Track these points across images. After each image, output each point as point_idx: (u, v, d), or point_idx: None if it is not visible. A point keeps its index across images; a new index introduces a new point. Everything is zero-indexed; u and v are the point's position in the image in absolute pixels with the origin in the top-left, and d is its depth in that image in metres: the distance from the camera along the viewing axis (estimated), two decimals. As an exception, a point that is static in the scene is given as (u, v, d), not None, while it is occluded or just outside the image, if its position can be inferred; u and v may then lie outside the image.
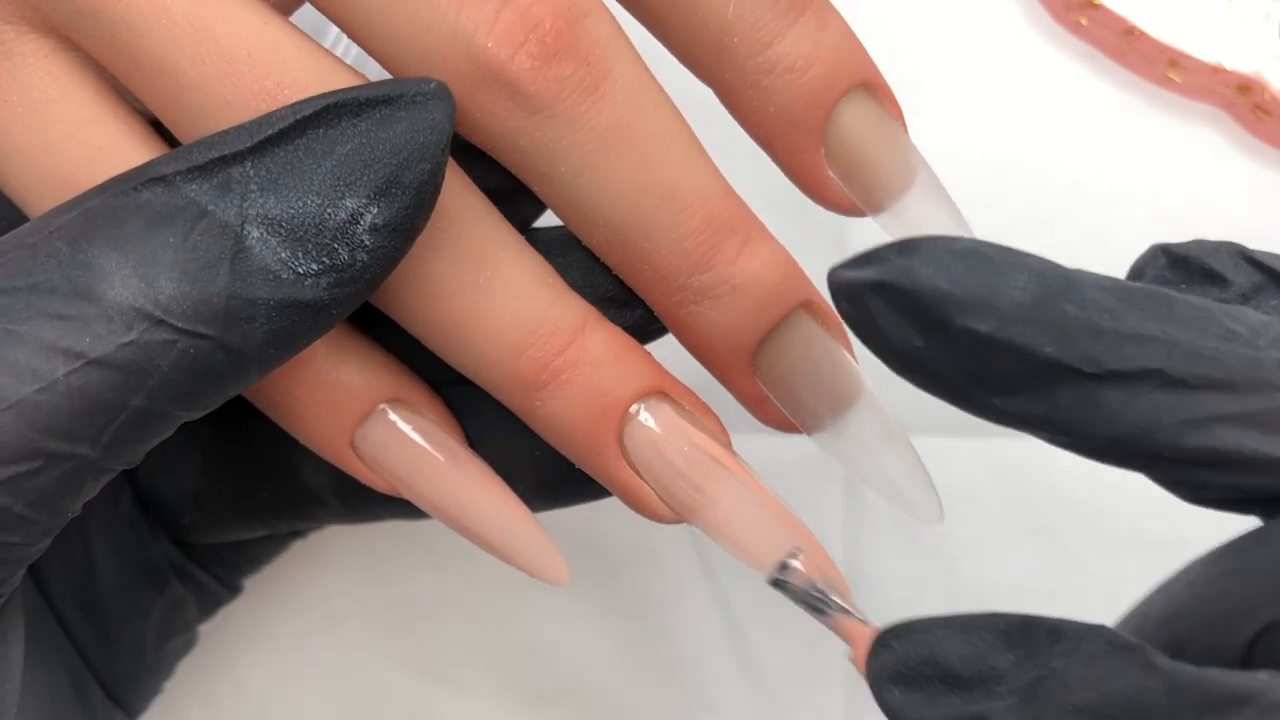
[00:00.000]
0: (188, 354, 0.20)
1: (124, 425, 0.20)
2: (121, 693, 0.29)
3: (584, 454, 0.24)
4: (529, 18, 0.22)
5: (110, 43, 0.22)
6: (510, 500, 0.25)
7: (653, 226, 0.23)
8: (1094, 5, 0.34)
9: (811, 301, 0.24)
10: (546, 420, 0.24)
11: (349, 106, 0.20)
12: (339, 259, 0.20)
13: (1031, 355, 0.19)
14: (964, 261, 0.20)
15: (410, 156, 0.20)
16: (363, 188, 0.20)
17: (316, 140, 0.20)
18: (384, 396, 0.24)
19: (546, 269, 0.24)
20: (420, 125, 0.21)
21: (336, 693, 0.35)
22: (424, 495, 0.25)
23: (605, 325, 0.24)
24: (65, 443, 0.20)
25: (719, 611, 0.35)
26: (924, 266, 0.20)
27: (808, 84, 0.23)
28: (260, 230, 0.20)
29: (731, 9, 0.23)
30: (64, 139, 0.22)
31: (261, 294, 0.20)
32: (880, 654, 0.20)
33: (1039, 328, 0.19)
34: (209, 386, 0.21)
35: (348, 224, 0.20)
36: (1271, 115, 0.34)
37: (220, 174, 0.20)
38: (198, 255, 0.20)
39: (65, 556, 0.27)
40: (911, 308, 0.20)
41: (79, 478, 0.20)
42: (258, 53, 0.21)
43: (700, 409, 0.24)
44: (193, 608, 0.30)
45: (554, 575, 0.25)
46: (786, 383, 0.24)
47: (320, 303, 0.20)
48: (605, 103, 0.22)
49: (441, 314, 0.23)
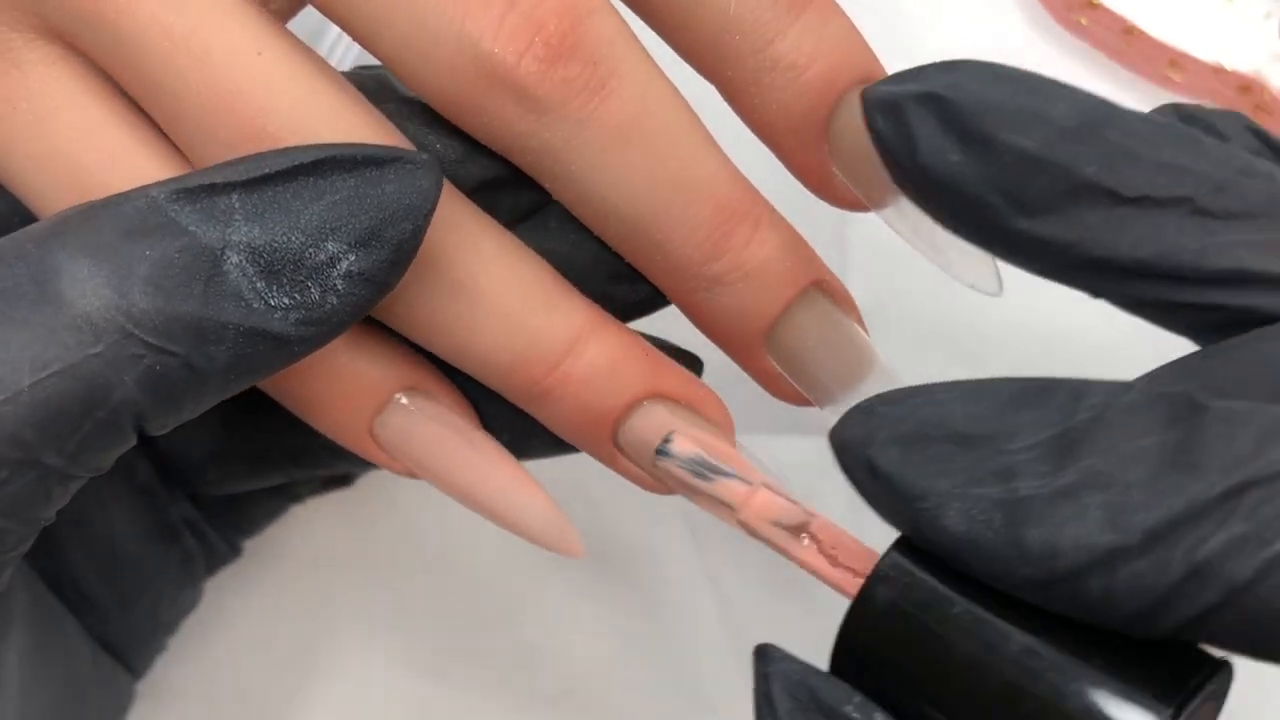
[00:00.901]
0: (153, 370, 0.20)
1: (89, 435, 0.20)
2: (131, 654, 0.29)
3: (583, 448, 0.25)
4: (533, 20, 0.22)
5: (114, 56, 0.22)
6: (524, 479, 0.25)
7: (664, 218, 0.23)
8: (1094, 5, 0.34)
9: (823, 280, 0.24)
10: (545, 421, 0.24)
11: (344, 161, 0.21)
12: (310, 297, 0.21)
13: (1073, 174, 0.20)
14: (1010, 83, 0.20)
15: (395, 215, 0.21)
16: (345, 235, 0.21)
17: (307, 186, 0.21)
18: (400, 385, 0.25)
19: (540, 280, 0.24)
20: (408, 189, 0.21)
21: (336, 693, 0.35)
22: (442, 478, 0.25)
23: (600, 334, 0.24)
24: (30, 452, 0.20)
25: (719, 611, 0.35)
26: (972, 82, 0.20)
27: (810, 81, 0.23)
28: (239, 257, 0.20)
29: (733, 7, 0.23)
30: (75, 146, 0.23)
31: (232, 319, 0.20)
32: (863, 420, 0.20)
33: (1084, 149, 0.20)
34: (168, 404, 0.21)
35: (325, 266, 0.21)
36: (1271, 115, 0.34)
37: (206, 200, 0.20)
38: (173, 273, 0.20)
39: (84, 530, 0.27)
40: (956, 120, 0.20)
41: (46, 486, 0.20)
42: (249, 89, 0.22)
43: (698, 400, 0.24)
44: (201, 564, 0.31)
45: (569, 548, 0.25)
46: (799, 360, 0.24)
47: (286, 337, 0.21)
48: (613, 100, 0.22)
49: (433, 342, 0.24)
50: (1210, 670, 0.19)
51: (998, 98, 0.20)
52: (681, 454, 0.24)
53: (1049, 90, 0.20)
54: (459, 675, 0.35)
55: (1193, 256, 0.20)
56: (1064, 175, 0.20)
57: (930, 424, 0.19)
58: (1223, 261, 0.19)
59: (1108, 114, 0.20)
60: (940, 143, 0.20)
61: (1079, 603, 0.18)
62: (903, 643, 0.19)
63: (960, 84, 0.20)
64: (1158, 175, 0.20)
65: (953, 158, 0.20)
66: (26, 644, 0.25)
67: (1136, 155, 0.20)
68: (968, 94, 0.20)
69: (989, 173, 0.20)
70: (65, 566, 0.27)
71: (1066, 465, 0.18)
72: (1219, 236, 0.19)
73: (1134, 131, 0.20)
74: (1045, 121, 0.20)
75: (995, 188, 0.20)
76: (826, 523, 0.22)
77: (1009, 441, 0.19)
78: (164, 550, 0.29)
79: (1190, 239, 0.20)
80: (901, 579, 0.20)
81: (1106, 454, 0.18)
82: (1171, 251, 0.20)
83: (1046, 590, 0.18)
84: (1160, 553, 0.17)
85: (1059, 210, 0.20)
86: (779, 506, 0.23)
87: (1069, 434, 0.18)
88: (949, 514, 0.18)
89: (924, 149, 0.20)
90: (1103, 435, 0.18)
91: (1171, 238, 0.20)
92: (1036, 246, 0.20)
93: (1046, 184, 0.20)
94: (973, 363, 0.33)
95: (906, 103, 0.21)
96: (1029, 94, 0.20)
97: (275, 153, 0.21)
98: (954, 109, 0.20)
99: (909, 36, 0.35)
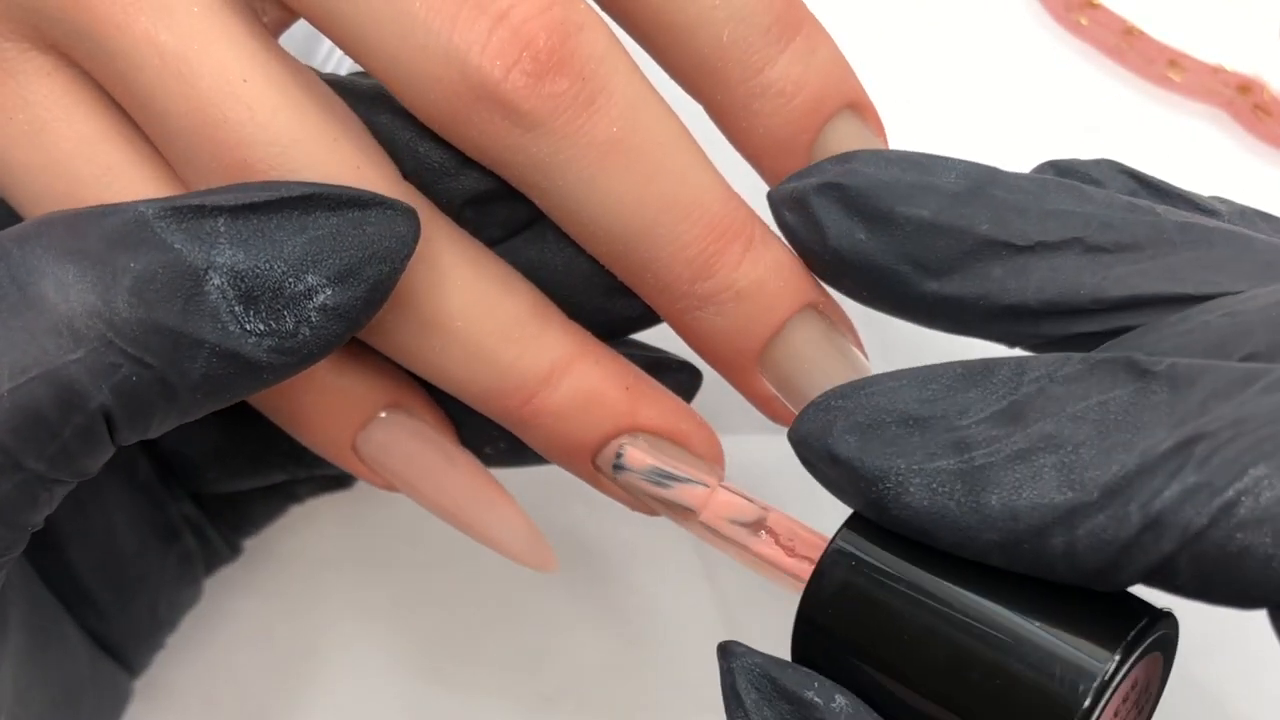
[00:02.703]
0: (129, 380, 0.20)
1: (69, 440, 0.20)
2: (129, 652, 0.30)
3: (565, 469, 0.25)
4: (522, 35, 0.22)
5: (108, 69, 0.22)
6: (501, 497, 0.26)
7: (654, 236, 0.23)
8: (1094, 5, 0.34)
9: (818, 301, 0.24)
10: (527, 442, 0.25)
11: (328, 200, 0.21)
12: (285, 326, 0.21)
13: (969, 234, 0.21)
14: (899, 164, 0.22)
15: (374, 255, 0.21)
16: (325, 269, 0.21)
17: (292, 219, 0.21)
18: (383, 402, 0.25)
19: (517, 310, 0.24)
20: (388, 233, 0.21)
21: (336, 692, 0.35)
22: (421, 493, 0.26)
23: (578, 367, 0.24)
24: (11, 457, 0.20)
25: (719, 611, 0.35)
26: (865, 167, 0.22)
27: (797, 108, 0.24)
28: (221, 279, 0.21)
29: (726, 35, 0.23)
30: (70, 157, 0.23)
31: (209, 338, 0.21)
32: (819, 415, 0.20)
33: (974, 209, 0.21)
34: (138, 417, 0.21)
35: (302, 297, 0.21)
36: (1271, 115, 0.34)
37: (193, 220, 0.21)
38: (156, 286, 0.20)
39: (85, 528, 0.27)
40: (857, 203, 0.22)
41: (31, 491, 0.20)
42: (234, 118, 0.22)
43: (680, 434, 0.25)
44: (201, 563, 0.31)
45: (543, 564, 0.26)
46: (794, 383, 0.24)
47: (257, 363, 0.21)
48: (601, 117, 0.22)
49: (412, 367, 0.24)
50: (1152, 621, 0.19)
51: (890, 176, 0.22)
52: (635, 466, 0.24)
53: (936, 164, 0.22)
54: (458, 675, 0.35)
55: (1092, 289, 0.21)
56: (961, 235, 0.21)
57: (883, 410, 0.20)
58: (1120, 290, 0.21)
59: (991, 176, 0.22)
60: (847, 225, 0.22)
61: (1043, 562, 0.18)
62: (857, 620, 0.20)
63: (855, 170, 0.22)
64: (1047, 221, 0.21)
65: (859, 236, 0.22)
66: (23, 645, 0.25)
67: (1024, 208, 0.21)
68: (863, 178, 0.22)
69: (894, 245, 0.22)
70: (64, 564, 0.27)
71: (1017, 432, 0.19)
72: (1113, 269, 0.21)
73: (1018, 188, 0.22)
74: (936, 191, 0.22)
75: (902, 257, 0.22)
76: (781, 516, 0.23)
77: (960, 418, 0.19)
78: (163, 549, 0.29)
79: (1088, 275, 0.21)
80: (849, 560, 0.20)
81: (1055, 417, 0.19)
82: (1072, 288, 0.21)
83: (1011, 552, 0.19)
84: (1117, 507, 0.18)
85: (963, 268, 0.21)
86: (736, 505, 0.24)
87: (1016, 405, 0.19)
88: (911, 489, 0.19)
89: (832, 233, 0.22)
90: (1049, 402, 0.19)
91: (1070, 276, 0.21)
92: (949, 305, 0.22)
93: (947, 246, 0.21)
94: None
95: (809, 195, 0.22)
96: (918, 170, 0.22)
97: (265, 184, 0.21)
98: (853, 193, 0.22)
99: (909, 40, 0.35)
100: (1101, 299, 0.21)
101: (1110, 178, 0.22)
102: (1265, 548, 0.17)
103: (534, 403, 0.24)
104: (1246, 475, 0.17)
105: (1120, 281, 0.21)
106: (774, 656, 0.21)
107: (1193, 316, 0.20)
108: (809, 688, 0.20)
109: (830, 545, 0.20)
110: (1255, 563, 0.17)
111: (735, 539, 0.23)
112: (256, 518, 0.32)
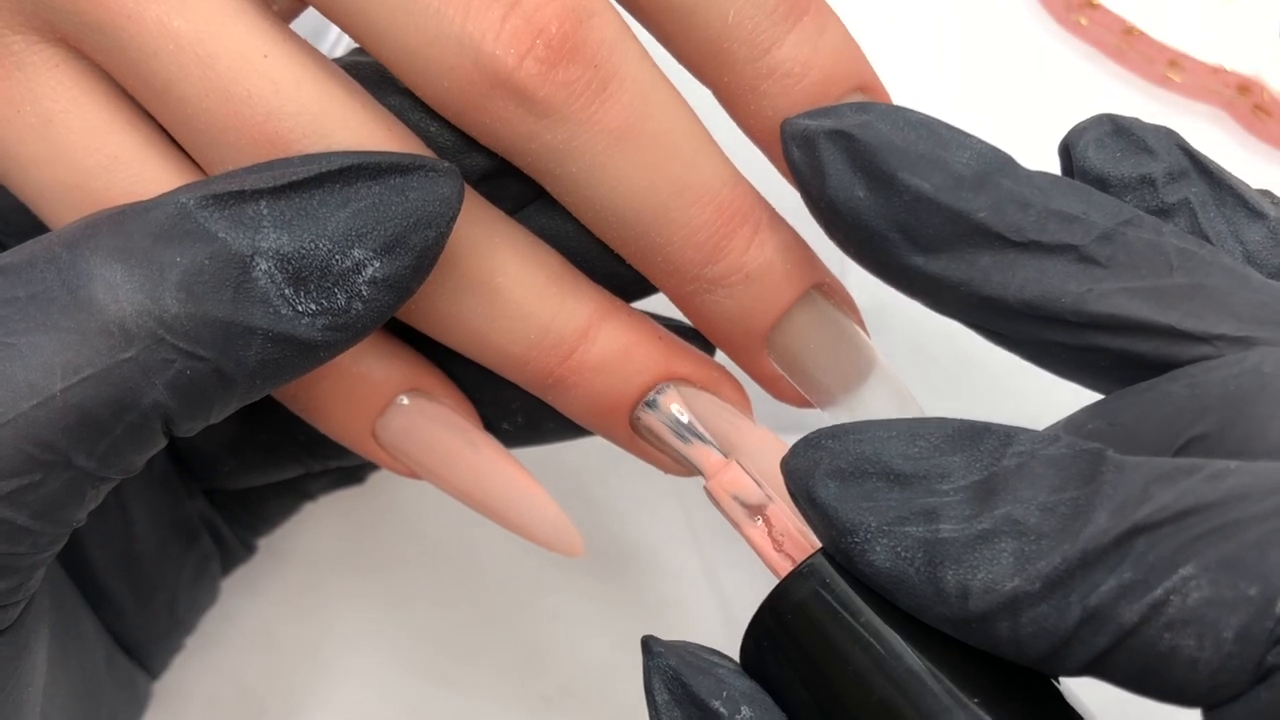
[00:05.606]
0: (183, 374, 0.20)
1: (120, 438, 0.20)
2: (148, 654, 0.30)
3: (599, 433, 0.25)
4: (535, 22, 0.22)
5: (119, 60, 0.22)
6: (525, 479, 0.26)
7: (665, 221, 0.23)
8: (1094, 5, 0.34)
9: (824, 282, 0.24)
10: (561, 409, 0.25)
11: (369, 169, 0.21)
12: (336, 303, 0.21)
13: (964, 218, 0.21)
14: (917, 129, 0.22)
15: (419, 222, 0.21)
16: (371, 241, 0.21)
17: (333, 194, 0.21)
18: (402, 387, 0.25)
19: (551, 269, 0.24)
20: (431, 196, 0.21)
21: (336, 693, 0.35)
22: (443, 479, 0.25)
23: (613, 321, 0.24)
24: (63, 456, 0.20)
25: (719, 612, 0.35)
26: (881, 124, 0.22)
27: (805, 90, 0.23)
28: (268, 264, 0.20)
29: (731, 15, 0.23)
30: (77, 149, 0.23)
31: (260, 324, 0.21)
32: (808, 452, 0.20)
33: (976, 194, 0.21)
34: (196, 408, 0.21)
35: (350, 272, 0.21)
36: (1271, 115, 0.34)
37: (235, 206, 0.21)
38: (204, 279, 0.20)
39: (104, 523, 0.27)
40: (863, 158, 0.21)
41: (79, 488, 0.20)
42: (257, 93, 0.22)
43: (712, 382, 0.25)
44: (218, 563, 0.31)
45: (569, 547, 0.26)
46: (800, 362, 0.25)
47: (312, 342, 0.21)
48: (613, 103, 0.22)
49: (449, 337, 0.24)
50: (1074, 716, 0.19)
51: (903, 140, 0.21)
52: (665, 408, 0.24)
53: (953, 139, 0.22)
54: (459, 675, 0.35)
55: (1073, 300, 0.21)
56: (956, 217, 0.21)
57: (868, 460, 0.20)
58: (1102, 306, 0.20)
59: (1003, 164, 0.21)
60: (848, 178, 0.22)
61: (992, 642, 0.18)
62: (805, 639, 0.20)
63: (870, 124, 0.22)
64: (1047, 221, 0.21)
65: (857, 193, 0.22)
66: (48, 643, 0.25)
67: (1027, 203, 0.21)
68: (876, 134, 0.21)
69: (888, 210, 0.21)
70: (84, 562, 0.27)
71: (985, 511, 0.19)
72: (1101, 284, 0.20)
73: (1027, 181, 0.21)
74: (944, 167, 0.21)
75: (893, 225, 0.21)
76: (783, 510, 0.23)
77: (940, 482, 0.19)
78: (182, 548, 0.29)
79: (1074, 284, 0.21)
80: (817, 581, 0.20)
81: (1025, 504, 0.18)
82: (1055, 294, 0.21)
83: (961, 629, 0.19)
84: (1058, 598, 0.18)
85: (951, 250, 0.21)
86: (744, 484, 0.23)
87: (993, 480, 0.19)
88: (875, 550, 0.19)
89: (832, 183, 0.22)
90: (1024, 485, 0.19)
91: (1055, 282, 0.21)
92: (930, 283, 0.21)
93: (940, 224, 0.21)
94: (972, 364, 0.33)
95: (819, 138, 0.22)
96: (932, 141, 0.21)
97: (302, 159, 0.21)
98: (861, 147, 0.21)
99: (911, 37, 0.35)
100: (1082, 311, 0.20)
101: (1165, 149, 0.22)
102: (1190, 650, 0.17)
103: (574, 358, 0.24)
104: (1176, 574, 0.17)
105: (1105, 298, 0.20)
106: (695, 654, 0.21)
107: (1159, 385, 0.20)
108: (717, 696, 0.20)
109: (805, 560, 0.20)
110: (1182, 665, 0.17)
111: (732, 516, 0.23)
112: (270, 515, 0.32)
